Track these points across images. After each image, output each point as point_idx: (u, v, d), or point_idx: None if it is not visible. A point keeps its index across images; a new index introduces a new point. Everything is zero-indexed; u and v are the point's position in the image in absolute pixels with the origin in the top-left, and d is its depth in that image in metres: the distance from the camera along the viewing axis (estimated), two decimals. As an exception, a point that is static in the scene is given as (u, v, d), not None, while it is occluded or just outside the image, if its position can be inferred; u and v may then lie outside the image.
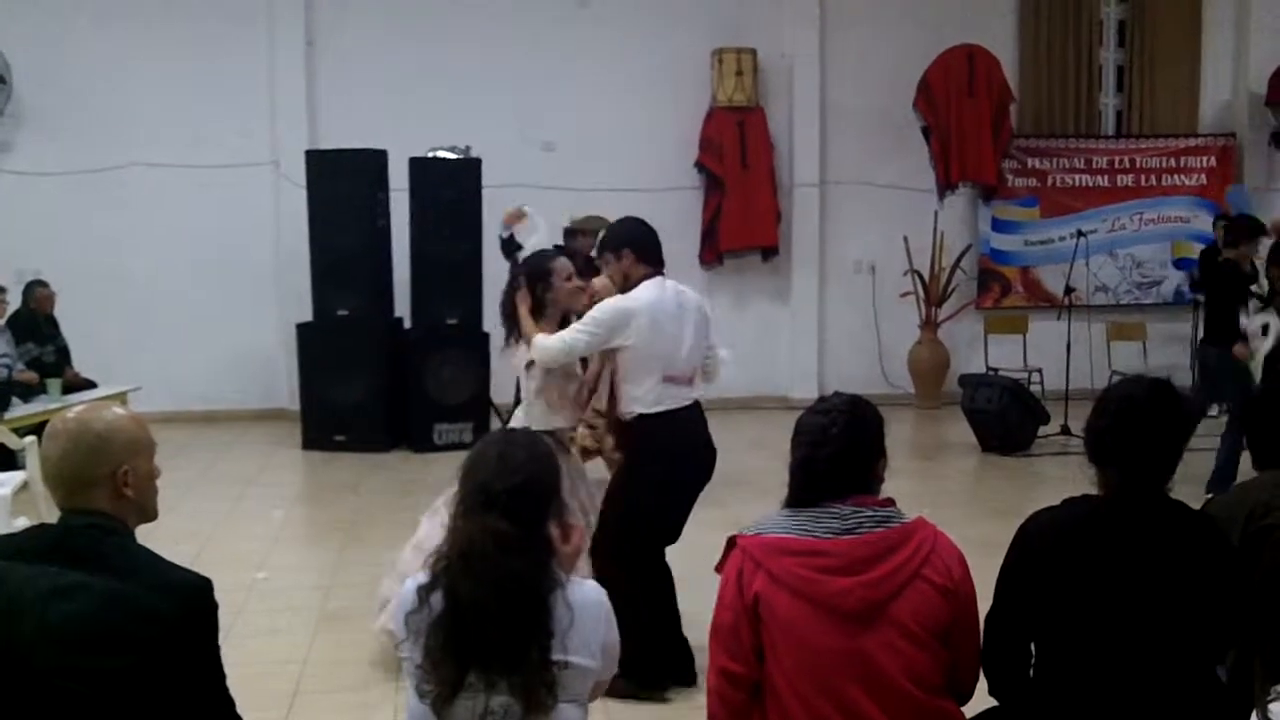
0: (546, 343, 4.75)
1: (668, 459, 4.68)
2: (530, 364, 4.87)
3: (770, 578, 2.65)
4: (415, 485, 8.09)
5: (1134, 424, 2.81)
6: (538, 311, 4.93)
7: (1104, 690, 2.67)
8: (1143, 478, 2.80)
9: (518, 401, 5.74)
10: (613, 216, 5.74)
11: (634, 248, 4.83)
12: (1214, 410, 10.82)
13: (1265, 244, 8.48)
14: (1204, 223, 11.83)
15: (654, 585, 4.78)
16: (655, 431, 4.68)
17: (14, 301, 9.26)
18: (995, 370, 10.65)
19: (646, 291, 4.72)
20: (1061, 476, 8.42)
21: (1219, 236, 10.31)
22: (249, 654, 4.89)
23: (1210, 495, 7.95)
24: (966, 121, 11.41)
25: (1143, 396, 2.87)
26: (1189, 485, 3.25)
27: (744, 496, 6.66)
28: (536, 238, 8.07)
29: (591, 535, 4.66)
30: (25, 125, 10.61)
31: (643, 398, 4.68)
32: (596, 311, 4.74)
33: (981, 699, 2.91)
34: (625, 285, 4.86)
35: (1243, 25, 12.20)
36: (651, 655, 4.60)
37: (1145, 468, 2.80)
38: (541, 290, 4.94)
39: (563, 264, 5.12)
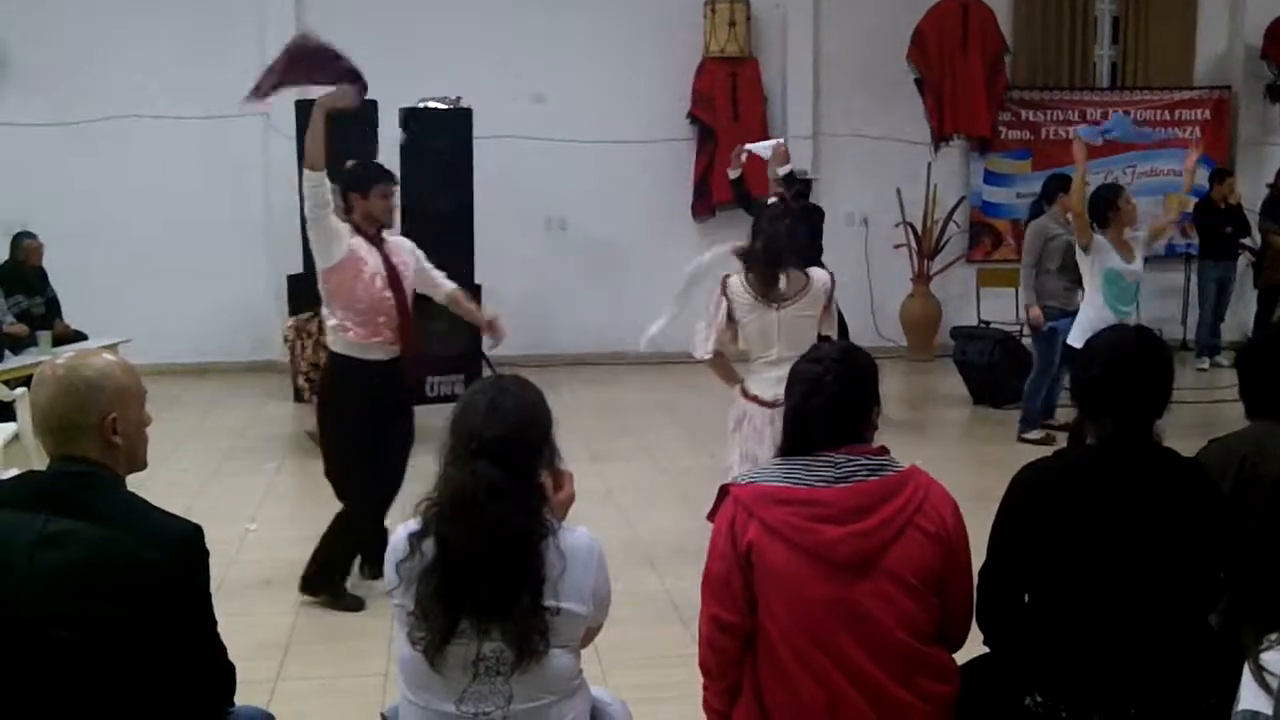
0: None
1: None
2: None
3: (763, 527, 2.64)
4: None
5: (1123, 373, 2.82)
6: None
7: (1097, 638, 2.68)
8: (1133, 426, 2.80)
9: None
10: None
11: None
12: (1204, 364, 10.91)
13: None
14: (1199, 176, 11.77)
15: None
16: None
17: (1, 254, 9.19)
18: (987, 323, 10.63)
19: None
20: (1053, 429, 8.45)
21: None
22: (241, 605, 4.91)
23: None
24: (960, 74, 11.33)
25: (1131, 345, 2.87)
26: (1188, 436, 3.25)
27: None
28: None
29: None
30: (13, 77, 10.49)
31: None
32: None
33: (972, 648, 2.92)
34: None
35: (1239, -23, 12.11)
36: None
37: (1136, 416, 2.81)
38: None
39: None
